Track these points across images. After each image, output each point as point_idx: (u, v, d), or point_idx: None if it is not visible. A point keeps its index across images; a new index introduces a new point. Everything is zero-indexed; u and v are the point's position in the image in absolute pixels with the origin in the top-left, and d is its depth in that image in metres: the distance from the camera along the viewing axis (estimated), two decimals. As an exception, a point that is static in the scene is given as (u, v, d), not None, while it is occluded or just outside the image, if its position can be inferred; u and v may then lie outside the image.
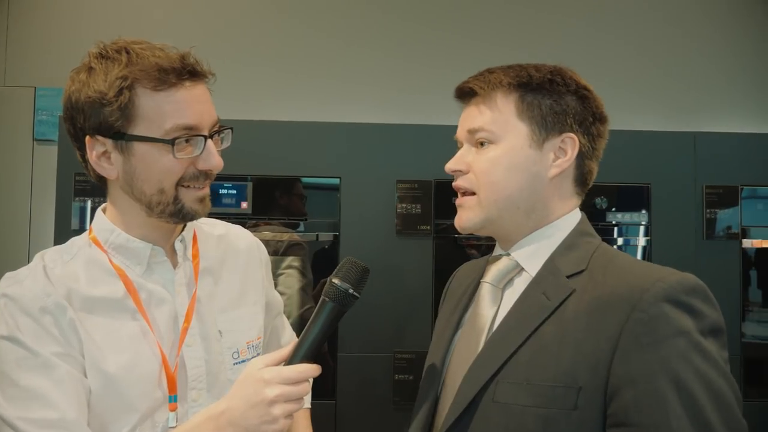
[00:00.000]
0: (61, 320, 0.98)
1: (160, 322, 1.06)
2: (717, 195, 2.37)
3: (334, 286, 0.96)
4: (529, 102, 1.00)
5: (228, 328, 1.14)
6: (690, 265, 2.32)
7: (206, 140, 1.02)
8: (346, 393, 2.23)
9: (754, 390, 2.32)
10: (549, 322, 0.92)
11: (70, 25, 2.73)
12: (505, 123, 1.00)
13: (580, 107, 1.01)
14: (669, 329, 0.83)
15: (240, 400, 0.91)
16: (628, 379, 0.83)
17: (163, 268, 1.09)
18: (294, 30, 2.77)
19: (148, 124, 0.99)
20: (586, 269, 0.95)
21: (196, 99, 1.01)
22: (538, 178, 1.00)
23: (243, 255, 1.24)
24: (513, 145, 0.99)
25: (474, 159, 1.02)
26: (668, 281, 0.86)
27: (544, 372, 0.89)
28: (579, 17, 2.82)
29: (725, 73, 2.84)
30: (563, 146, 1.00)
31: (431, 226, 2.30)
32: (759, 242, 2.38)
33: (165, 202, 1.02)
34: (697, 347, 0.83)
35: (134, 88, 0.98)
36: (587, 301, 0.90)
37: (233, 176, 2.26)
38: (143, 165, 1.01)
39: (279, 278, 2.25)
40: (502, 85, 1.00)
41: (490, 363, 0.93)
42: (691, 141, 2.40)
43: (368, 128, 2.34)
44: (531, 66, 1.02)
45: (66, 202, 2.24)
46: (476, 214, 1.01)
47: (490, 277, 1.04)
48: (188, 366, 1.06)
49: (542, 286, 0.96)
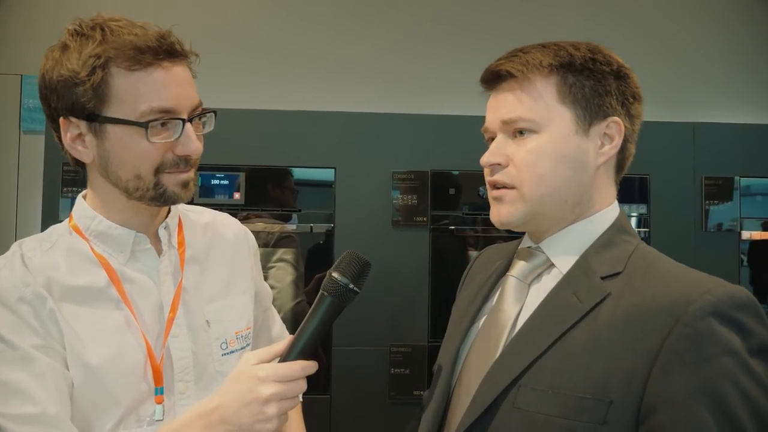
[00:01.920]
0: (41, 311, 0.94)
1: (144, 312, 1.01)
2: (716, 186, 2.36)
3: (334, 281, 0.91)
4: (571, 84, 0.91)
5: (216, 318, 1.09)
6: (688, 258, 2.31)
7: (184, 124, 0.96)
8: (341, 387, 2.20)
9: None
10: (579, 326, 0.84)
11: (58, 10, 2.66)
12: (547, 109, 0.90)
13: (621, 87, 0.93)
14: (716, 348, 0.76)
15: (233, 397, 0.87)
16: (666, 400, 0.76)
17: (148, 256, 1.04)
18: (289, 19, 2.72)
19: (122, 105, 0.93)
20: (624, 271, 0.87)
21: (174, 80, 0.95)
22: (586, 168, 0.92)
23: (231, 243, 1.18)
24: (558, 134, 0.90)
25: (514, 150, 0.92)
26: (717, 294, 0.78)
27: (572, 381, 0.82)
28: (578, 8, 2.79)
29: (724, 64, 2.82)
30: (609, 131, 0.92)
31: (427, 217, 2.27)
32: (759, 234, 2.37)
33: (144, 187, 0.97)
34: (746, 368, 0.76)
35: (108, 67, 0.92)
36: (624, 308, 0.83)
37: (226, 166, 2.22)
38: (117, 149, 0.95)
39: (269, 271, 2.21)
40: (542, 66, 0.91)
41: (512, 365, 0.86)
42: (690, 132, 2.38)
43: (363, 118, 2.30)
44: (567, 43, 0.94)
45: (53, 194, 2.19)
46: (518, 208, 0.92)
47: (517, 271, 0.97)
48: (174, 357, 1.02)
49: (573, 286, 0.88)
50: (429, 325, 2.24)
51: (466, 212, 2.30)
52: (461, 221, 2.30)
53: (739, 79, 2.81)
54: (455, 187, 2.30)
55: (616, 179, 0.98)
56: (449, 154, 2.27)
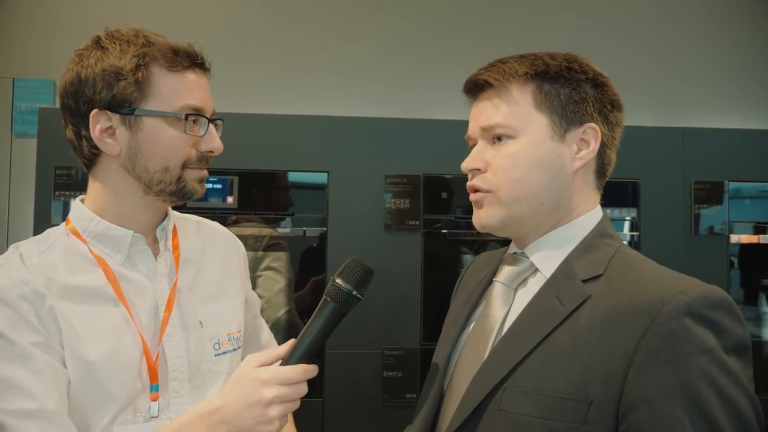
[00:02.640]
0: (40, 309, 0.96)
1: (141, 310, 1.05)
2: (705, 191, 2.38)
3: (337, 287, 0.93)
4: (547, 92, 0.94)
5: (209, 319, 1.13)
6: (678, 261, 2.33)
7: (209, 123, 1.07)
8: (334, 390, 2.21)
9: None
10: (561, 329, 0.87)
11: (50, 15, 2.66)
12: (524, 116, 0.94)
13: (598, 95, 0.96)
14: (690, 346, 0.78)
15: (236, 399, 0.89)
16: (643, 398, 0.78)
17: (144, 257, 1.09)
18: (282, 23, 2.73)
19: (161, 101, 1.02)
20: (604, 274, 0.90)
21: (203, 86, 1.07)
22: (562, 172, 0.95)
23: (222, 248, 1.23)
24: (534, 139, 0.94)
25: (492, 156, 0.96)
26: (691, 294, 0.80)
27: (554, 382, 0.84)
28: (568, 13, 2.82)
29: (713, 70, 2.85)
30: (585, 137, 0.95)
31: (420, 221, 2.28)
32: (747, 238, 2.39)
33: (168, 180, 1.04)
34: (721, 366, 0.77)
35: (150, 65, 1.02)
36: (603, 310, 0.85)
37: (219, 170, 2.22)
38: (151, 140, 1.03)
39: (258, 280, 2.21)
40: (518, 75, 0.95)
41: (497, 369, 0.89)
42: (679, 136, 2.40)
43: (356, 122, 2.31)
44: (545, 54, 0.97)
45: (45, 197, 2.19)
46: (495, 211, 0.96)
47: (503, 276, 1.00)
48: (169, 356, 1.05)
49: (556, 290, 0.91)
50: (421, 328, 2.25)
51: (458, 216, 2.31)
52: (453, 225, 2.31)
53: (727, 85, 2.84)
54: (448, 191, 2.32)
55: (597, 185, 1.00)
56: (442, 159, 2.29)
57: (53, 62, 2.59)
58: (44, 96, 2.58)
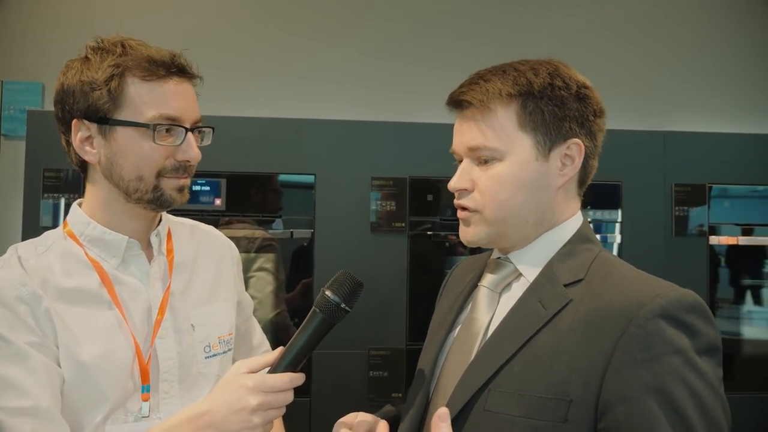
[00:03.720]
0: (36, 310, 0.99)
1: (134, 313, 1.07)
2: (686, 193, 2.42)
3: (326, 299, 0.95)
4: (531, 111, 0.94)
5: (200, 322, 1.15)
6: (659, 262, 2.38)
7: (186, 133, 1.07)
8: (321, 390, 2.23)
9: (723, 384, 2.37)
10: (544, 331, 0.90)
11: (38, 18, 2.67)
12: (508, 137, 0.94)
13: (582, 108, 0.96)
14: (664, 347, 0.81)
15: (222, 404, 0.91)
16: (620, 396, 0.81)
17: (139, 261, 1.11)
18: (270, 27, 2.75)
19: (133, 110, 1.03)
20: (585, 278, 0.92)
21: (181, 94, 1.07)
22: (546, 190, 0.96)
23: (216, 252, 1.26)
24: (520, 160, 0.94)
25: (479, 176, 0.96)
26: (666, 297, 0.84)
27: (536, 383, 0.87)
28: (552, 17, 2.85)
29: (695, 75, 2.89)
30: (569, 153, 0.96)
31: (406, 223, 2.31)
32: (726, 239, 2.44)
33: (143, 189, 1.05)
34: (692, 366, 0.81)
35: (125, 76, 1.03)
36: (583, 313, 0.88)
37: (207, 173, 2.24)
38: (124, 149, 1.04)
39: (249, 281, 2.23)
40: (501, 95, 0.94)
41: (482, 371, 0.92)
42: (661, 140, 2.44)
43: (343, 125, 2.34)
44: (527, 68, 0.96)
45: (34, 199, 2.20)
46: (482, 229, 0.97)
47: (488, 281, 1.02)
48: (160, 358, 1.08)
49: (539, 294, 0.93)
50: (407, 328, 2.28)
51: (443, 218, 2.34)
52: (439, 227, 2.34)
53: (708, 90, 2.89)
54: (433, 194, 2.35)
55: (579, 192, 1.02)
56: (428, 161, 2.32)
57: (42, 65, 2.60)
58: (33, 98, 2.59)
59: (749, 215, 2.48)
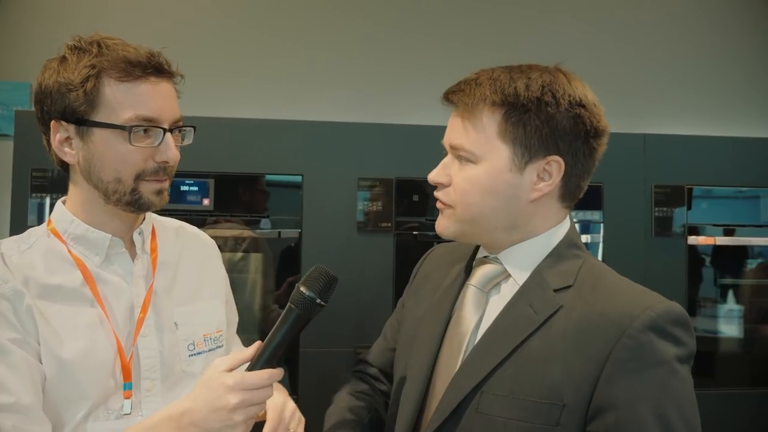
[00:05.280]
0: (19, 307, 0.99)
1: (117, 311, 1.07)
2: (665, 194, 2.47)
3: (301, 294, 0.95)
4: (513, 122, 0.94)
5: (184, 321, 1.15)
6: (639, 262, 2.42)
7: (165, 134, 1.05)
8: (308, 388, 2.26)
9: (702, 380, 2.42)
10: (536, 336, 0.92)
11: (27, 17, 2.67)
12: (487, 143, 0.95)
13: (571, 126, 0.94)
14: (653, 357, 0.86)
15: (202, 403, 0.92)
16: (611, 403, 0.85)
17: (122, 259, 1.11)
18: (257, 28, 2.77)
19: (109, 112, 1.02)
20: (574, 285, 0.95)
21: (159, 94, 1.05)
22: (516, 200, 0.96)
23: (200, 251, 1.26)
24: (493, 168, 0.95)
25: (455, 173, 0.99)
26: (656, 310, 0.88)
27: (530, 387, 0.89)
28: (535, 20, 2.89)
29: (674, 78, 2.95)
30: (548, 168, 0.95)
31: (392, 223, 2.34)
32: (704, 239, 2.50)
33: (122, 191, 1.05)
34: (677, 376, 0.86)
35: (101, 77, 1.02)
36: (575, 320, 0.91)
37: (195, 173, 2.25)
38: (101, 151, 1.03)
39: (235, 279, 2.25)
40: (486, 102, 0.94)
41: (474, 373, 0.93)
42: (641, 142, 2.49)
43: (330, 126, 2.36)
44: (522, 77, 0.95)
45: (22, 199, 2.20)
46: (452, 224, 1.00)
47: (476, 280, 1.02)
48: (142, 356, 1.07)
49: (529, 299, 0.95)
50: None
51: (429, 218, 2.38)
52: (424, 227, 2.37)
53: (688, 93, 2.95)
54: (419, 194, 2.38)
55: (564, 206, 1.00)
56: (414, 162, 2.34)
57: (30, 65, 2.58)
58: (20, 98, 2.59)
59: (728, 216, 2.54)
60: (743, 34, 2.98)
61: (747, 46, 2.98)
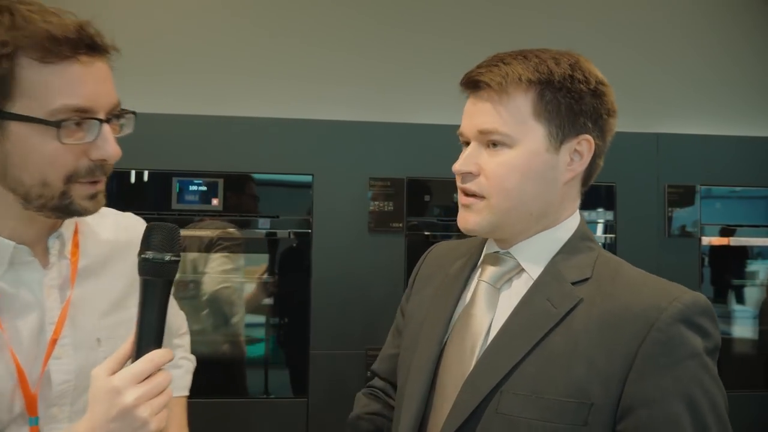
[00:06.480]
0: None
1: (22, 331, 0.90)
2: (678, 194, 2.46)
3: (148, 261, 0.84)
4: (548, 101, 0.91)
5: (108, 335, 0.98)
6: (652, 262, 2.40)
7: (101, 125, 0.87)
8: (318, 390, 2.24)
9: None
10: (557, 331, 0.88)
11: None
12: (523, 124, 0.91)
13: (597, 105, 0.94)
14: (684, 351, 0.83)
15: (99, 418, 0.80)
16: (643, 400, 0.82)
17: (30, 269, 0.92)
18: (268, 27, 2.75)
19: (31, 102, 0.82)
20: (592, 277, 0.92)
21: (93, 77, 0.85)
22: (553, 183, 0.94)
23: (133, 249, 0.97)
24: (530, 150, 0.91)
25: (486, 161, 0.93)
26: (684, 301, 0.85)
27: (554, 385, 0.85)
28: (547, 17, 2.87)
29: (687, 78, 2.93)
30: (579, 148, 0.94)
31: (403, 223, 2.32)
32: (718, 240, 2.48)
33: (48, 195, 0.86)
34: (706, 368, 0.84)
35: (17, 57, 0.81)
36: (598, 314, 0.87)
37: (205, 173, 2.24)
38: (21, 150, 0.84)
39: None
40: (521, 81, 0.91)
41: (493, 372, 0.89)
42: (654, 142, 2.47)
43: (341, 126, 2.35)
44: (548, 56, 0.93)
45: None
46: (484, 217, 0.94)
47: (488, 275, 0.98)
48: (54, 382, 0.91)
49: (546, 292, 0.91)
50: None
51: (440, 218, 2.36)
52: (436, 227, 2.35)
53: (701, 92, 2.93)
54: (430, 194, 2.36)
55: (581, 190, 1.00)
56: (425, 162, 2.33)
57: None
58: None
59: (742, 216, 2.52)
60: (757, 32, 2.96)
61: (760, 45, 2.96)
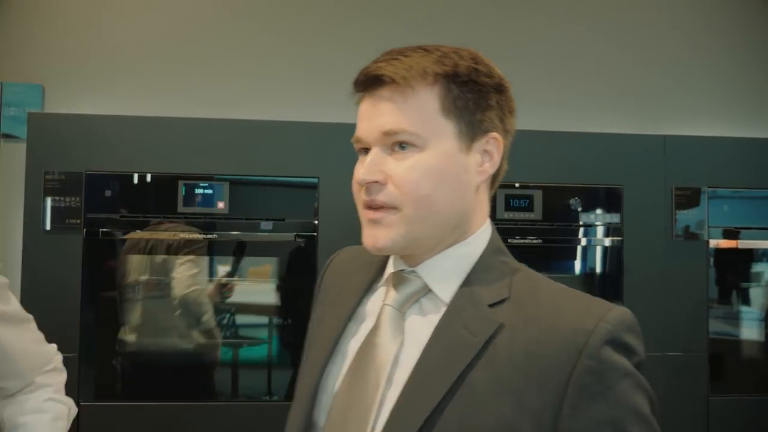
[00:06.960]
0: None
1: None
2: (686, 196, 2.44)
3: None
4: (455, 96, 0.82)
5: None
6: (660, 265, 2.39)
7: None
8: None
9: (718, 385, 2.39)
10: (478, 365, 0.78)
11: (39, 19, 2.66)
12: (431, 122, 0.81)
13: (501, 101, 0.86)
14: (616, 374, 0.76)
15: None
16: None
17: None
18: (272, 29, 2.75)
19: None
20: (510, 297, 0.82)
21: None
22: (467, 187, 0.84)
23: None
24: (442, 150, 0.82)
25: (393, 167, 0.82)
26: (610, 320, 0.77)
27: (481, 427, 0.76)
28: (549, 19, 2.87)
29: (694, 80, 2.92)
30: (488, 148, 0.85)
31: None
32: (726, 242, 2.46)
33: None
34: (638, 385, 0.78)
35: None
36: (522, 343, 0.78)
37: (210, 176, 2.23)
38: None
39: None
40: (427, 74, 0.81)
41: (411, 417, 0.77)
42: (661, 144, 2.46)
43: (347, 128, 2.31)
44: (449, 50, 0.85)
45: (35, 202, 2.18)
46: (398, 232, 0.82)
47: (392, 299, 0.86)
48: None
49: (462, 319, 0.81)
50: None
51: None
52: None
53: (707, 94, 2.92)
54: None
55: (489, 196, 0.91)
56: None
57: (42, 66, 2.58)
58: (33, 100, 2.57)
59: (750, 218, 2.50)
60: (763, 33, 2.95)
61: (767, 47, 2.95)
